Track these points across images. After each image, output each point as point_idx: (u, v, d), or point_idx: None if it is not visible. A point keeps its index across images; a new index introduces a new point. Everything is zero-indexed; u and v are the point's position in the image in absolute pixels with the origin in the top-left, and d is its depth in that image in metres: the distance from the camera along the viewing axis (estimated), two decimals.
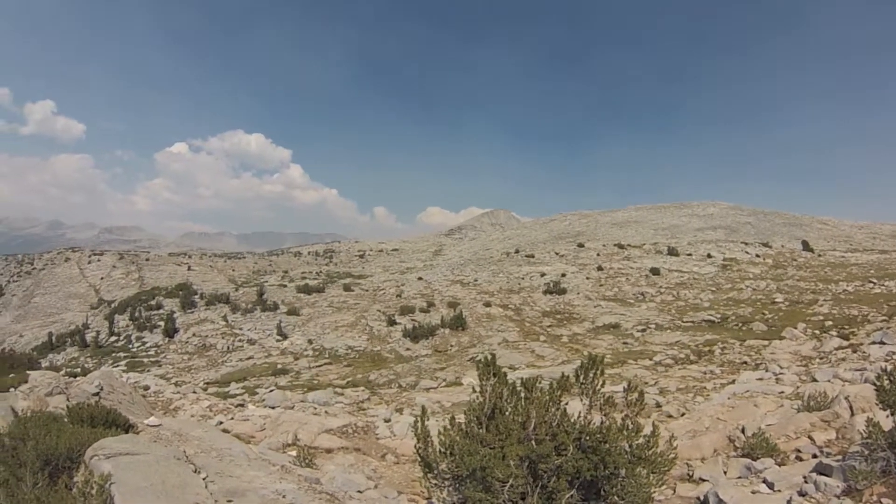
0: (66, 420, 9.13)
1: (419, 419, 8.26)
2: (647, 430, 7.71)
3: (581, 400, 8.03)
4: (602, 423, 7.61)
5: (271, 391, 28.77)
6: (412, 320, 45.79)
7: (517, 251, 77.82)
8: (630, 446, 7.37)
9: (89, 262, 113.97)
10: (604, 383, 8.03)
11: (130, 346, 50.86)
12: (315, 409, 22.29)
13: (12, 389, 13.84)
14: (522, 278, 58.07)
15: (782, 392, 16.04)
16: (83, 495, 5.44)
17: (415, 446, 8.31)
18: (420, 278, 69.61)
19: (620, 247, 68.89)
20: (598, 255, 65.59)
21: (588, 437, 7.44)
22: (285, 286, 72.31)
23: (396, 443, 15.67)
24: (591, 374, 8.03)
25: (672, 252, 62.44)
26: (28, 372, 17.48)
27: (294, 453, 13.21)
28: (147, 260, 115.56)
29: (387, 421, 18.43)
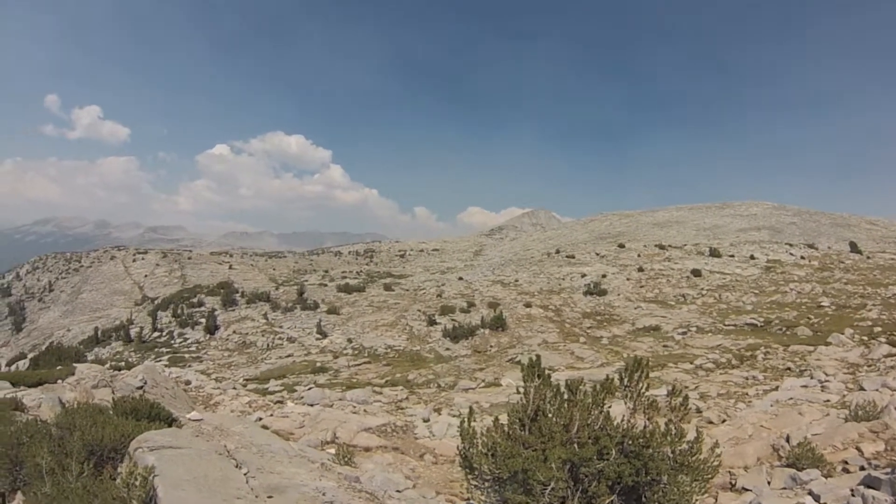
0: (111, 412, 9.21)
1: (465, 419, 8.18)
2: (691, 435, 7.52)
3: (625, 403, 7.87)
4: (645, 427, 7.44)
5: (310, 389, 28.90)
6: (452, 320, 45.70)
7: (558, 251, 77.40)
8: (673, 452, 7.18)
9: (134, 261, 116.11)
10: (648, 386, 7.87)
11: (173, 341, 51.68)
12: (354, 407, 22.32)
13: (60, 381, 14.11)
14: (563, 279, 57.68)
15: (828, 400, 15.67)
16: (127, 486, 5.45)
17: (458, 447, 8.22)
18: (461, 278, 69.61)
19: (661, 247, 68.04)
20: (638, 255, 64.86)
21: (631, 442, 7.28)
22: (326, 285, 72.80)
23: (435, 443, 15.62)
24: (636, 377, 7.87)
25: (714, 253, 61.36)
26: (75, 365, 17.83)
27: (333, 451, 13.22)
28: (189, 258, 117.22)
29: (425, 421, 18.39)
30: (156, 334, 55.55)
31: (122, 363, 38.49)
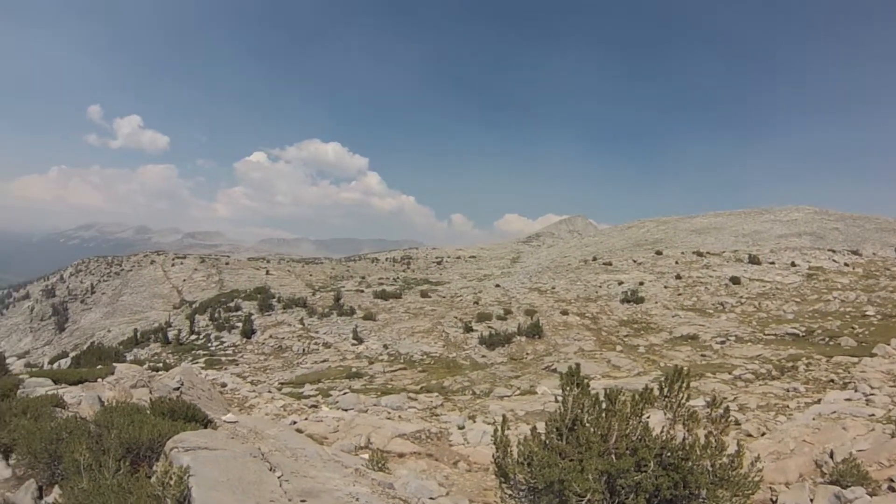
0: (148, 412, 9.29)
1: (499, 427, 8.06)
2: (731, 449, 7.29)
3: (664, 413, 7.68)
4: (685, 439, 7.24)
5: (345, 394, 28.94)
6: (489, 327, 45.59)
7: (595, 259, 76.81)
8: (713, 466, 6.98)
9: (173, 265, 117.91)
10: (688, 397, 7.67)
11: (209, 344, 52.25)
12: (388, 413, 22.27)
13: (100, 380, 14.30)
14: (600, 286, 57.17)
15: (873, 415, 15.20)
16: (162, 485, 5.46)
17: (493, 455, 8.10)
18: (497, 285, 69.42)
19: (699, 254, 66.93)
20: (676, 262, 63.94)
21: (670, 454, 7.10)
22: (362, 292, 73.10)
23: (469, 450, 15.47)
24: (676, 387, 7.67)
25: (753, 260, 60.07)
26: (114, 364, 18.11)
27: (367, 456, 13.16)
28: (227, 264, 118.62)
29: (460, 428, 18.25)
30: (193, 337, 56.25)
31: (160, 364, 39.06)
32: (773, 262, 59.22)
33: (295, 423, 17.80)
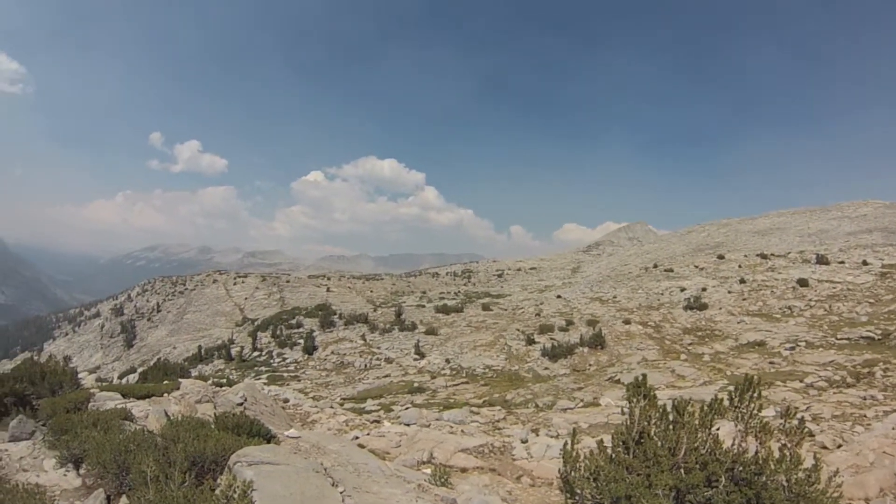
0: (212, 426, 9.43)
1: (567, 441, 7.87)
2: (808, 463, 6.93)
3: (736, 425, 7.37)
4: (757, 452, 6.92)
5: (407, 409, 28.97)
6: (551, 339, 45.24)
7: (655, 266, 75.40)
8: (788, 481, 6.64)
9: (234, 284, 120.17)
10: (760, 407, 7.34)
11: (272, 361, 53.00)
12: (451, 427, 22.17)
13: (166, 395, 14.58)
14: (661, 294, 56.12)
15: None
16: (226, 498, 5.48)
17: (559, 470, 7.91)
18: (559, 296, 68.92)
19: (763, 257, 64.73)
20: (739, 266, 61.94)
21: (742, 468, 6.79)
22: (423, 306, 73.34)
23: (533, 464, 15.22)
24: (747, 397, 7.36)
25: (821, 260, 57.72)
26: (180, 380, 18.50)
27: (429, 471, 13.06)
28: (287, 282, 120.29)
29: (523, 441, 18.02)
30: (255, 354, 57.15)
31: (224, 380, 39.77)
32: (842, 262, 56.77)
33: (357, 438, 17.83)
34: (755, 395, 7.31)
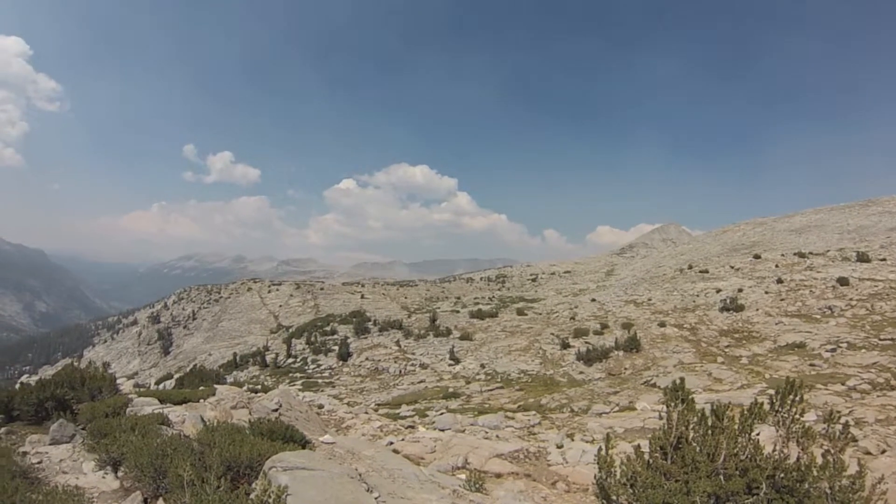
0: (248, 432, 9.53)
1: (602, 447, 7.76)
2: (852, 469, 6.73)
3: (777, 430, 7.20)
4: (799, 458, 6.75)
5: (442, 414, 28.91)
6: (585, 343, 44.95)
7: (690, 267, 74.44)
8: (831, 488, 6.47)
9: (269, 292, 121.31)
10: (803, 411, 7.16)
11: (306, 367, 53.35)
12: (486, 432, 22.08)
13: (202, 400, 14.78)
14: (697, 295, 55.34)
15: None
16: (261, 503, 5.49)
17: (595, 476, 7.80)
18: (593, 300, 68.44)
19: (801, 255, 63.15)
20: (776, 266, 60.67)
21: (783, 475, 6.63)
22: (458, 312, 73.34)
23: (568, 470, 15.09)
24: (789, 401, 7.19)
25: (862, 258, 56.07)
26: (216, 386, 18.79)
27: (464, 477, 12.99)
28: (322, 289, 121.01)
29: (558, 447, 17.87)
30: (290, 360, 57.57)
31: (259, 386, 40.12)
32: (884, 259, 55.22)
33: (392, 443, 17.81)
34: (797, 398, 7.16)
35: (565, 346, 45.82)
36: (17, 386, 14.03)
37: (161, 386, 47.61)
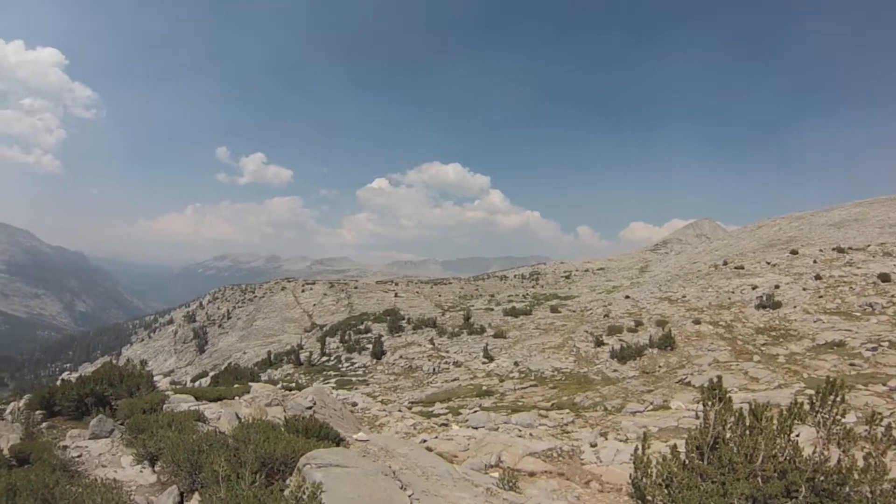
0: (282, 429, 9.65)
1: (639, 446, 7.69)
2: (894, 472, 6.58)
3: (817, 431, 7.06)
4: (839, 461, 6.61)
5: (475, 412, 28.91)
6: (620, 340, 44.67)
7: (725, 263, 73.45)
8: (872, 492, 6.33)
9: (303, 291, 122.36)
10: (844, 412, 7.02)
11: (340, 365, 53.68)
12: (519, 431, 22.03)
13: (237, 398, 14.97)
14: (732, 292, 54.52)
15: None
16: (295, 499, 5.58)
17: (630, 475, 7.74)
18: (627, 297, 67.94)
19: (840, 251, 61.49)
20: (814, 261, 59.35)
21: (823, 478, 6.49)
22: (492, 310, 73.32)
23: (602, 469, 14.97)
24: (830, 401, 7.05)
25: None
26: (250, 384, 19.02)
27: (496, 475, 12.97)
28: (355, 288, 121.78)
29: (592, 445, 17.75)
30: (324, 358, 57.97)
31: (293, 384, 40.50)
32: None
33: (425, 441, 17.84)
34: (838, 399, 7.02)
35: (599, 343, 45.59)
36: (59, 382, 14.33)
37: (196, 383, 48.27)
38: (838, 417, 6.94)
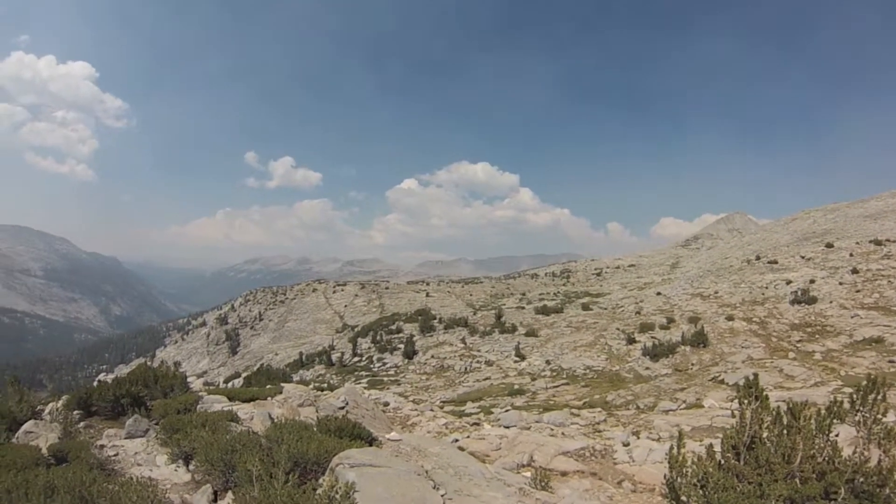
0: (315, 429, 9.70)
1: (674, 446, 7.60)
2: None
3: (857, 431, 6.93)
4: (880, 461, 6.47)
5: (507, 411, 28.86)
6: (652, 338, 44.39)
7: (758, 257, 72.26)
8: None
9: (334, 292, 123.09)
10: (885, 411, 6.89)
11: (372, 366, 53.96)
12: (551, 430, 21.95)
13: (269, 398, 15.13)
14: (766, 287, 53.69)
15: None
16: (328, 499, 5.62)
17: (665, 476, 7.65)
18: (658, 293, 67.43)
19: (878, 243, 59.70)
20: (851, 255, 57.79)
21: (863, 479, 6.34)
22: (523, 308, 73.22)
23: (634, 469, 14.85)
24: (871, 400, 6.91)
25: None
26: (282, 384, 19.22)
27: (529, 474, 12.93)
28: (386, 288, 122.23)
29: (625, 445, 17.63)
30: (356, 359, 58.31)
31: (325, 385, 40.79)
32: None
33: (457, 440, 17.84)
34: (879, 397, 6.89)
35: (631, 341, 45.33)
36: (95, 384, 14.58)
37: (229, 384, 48.79)
38: (879, 416, 6.81)
